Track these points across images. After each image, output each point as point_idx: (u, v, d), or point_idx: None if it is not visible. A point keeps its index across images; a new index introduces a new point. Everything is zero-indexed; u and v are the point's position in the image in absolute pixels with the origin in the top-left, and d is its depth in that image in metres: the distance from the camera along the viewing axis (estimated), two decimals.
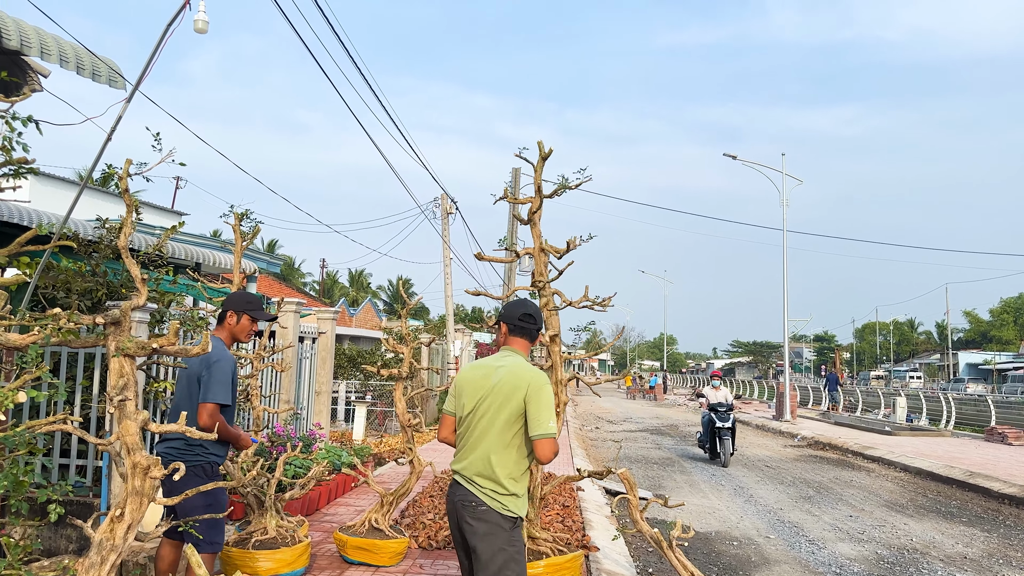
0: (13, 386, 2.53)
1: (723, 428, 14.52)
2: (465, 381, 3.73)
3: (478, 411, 3.60)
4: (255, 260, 17.40)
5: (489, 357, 3.84)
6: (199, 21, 6.01)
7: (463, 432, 3.67)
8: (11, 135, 2.95)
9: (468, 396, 3.66)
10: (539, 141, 5.42)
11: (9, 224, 8.33)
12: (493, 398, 3.57)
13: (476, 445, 3.56)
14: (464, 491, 3.52)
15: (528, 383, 3.53)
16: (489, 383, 3.62)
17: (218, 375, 4.24)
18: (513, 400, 3.51)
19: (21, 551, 2.78)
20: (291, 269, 59.66)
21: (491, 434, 3.53)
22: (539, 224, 5.53)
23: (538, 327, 3.88)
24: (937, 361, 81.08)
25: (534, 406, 3.48)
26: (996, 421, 21.78)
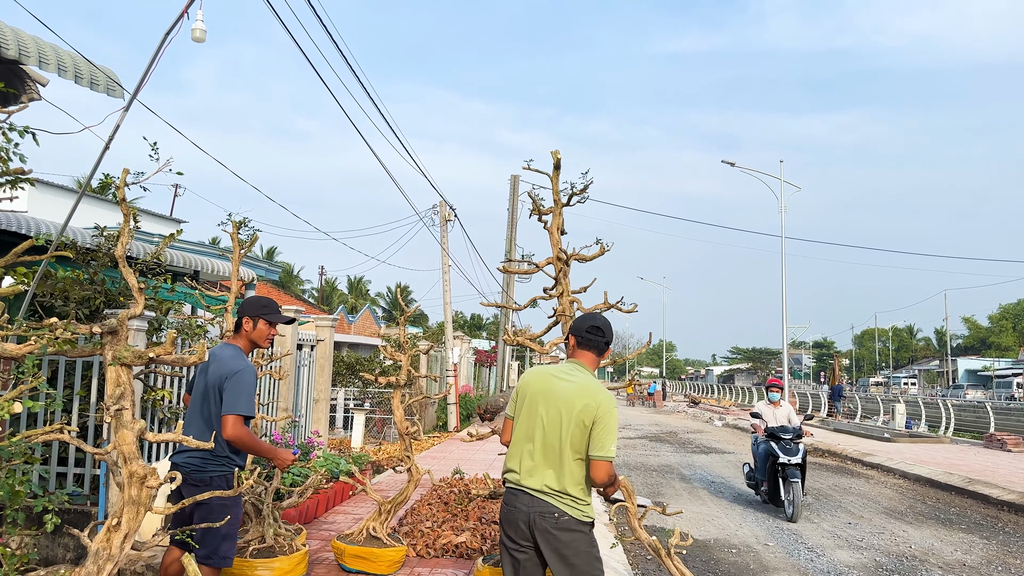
0: (9, 396, 2.53)
1: (790, 465, 10.00)
2: (530, 388, 3.74)
3: (546, 421, 3.62)
4: (253, 267, 17.41)
5: (556, 367, 3.83)
6: (197, 30, 6.03)
7: (524, 440, 3.68)
8: (8, 146, 2.95)
9: (532, 403, 3.68)
10: (553, 151, 5.43)
11: (7, 232, 8.33)
12: (564, 412, 3.59)
13: (546, 456, 3.58)
14: (539, 502, 3.54)
15: (599, 403, 3.57)
16: (558, 395, 3.64)
17: (241, 386, 4.13)
18: (584, 417, 3.55)
19: (18, 560, 2.78)
20: (290, 276, 59.64)
21: (562, 447, 3.56)
22: (557, 233, 5.53)
23: (607, 340, 3.87)
24: (936, 367, 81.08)
25: (601, 427, 3.53)
26: (995, 427, 21.77)
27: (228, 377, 4.16)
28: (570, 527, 3.51)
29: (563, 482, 3.54)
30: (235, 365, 4.22)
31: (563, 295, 5.39)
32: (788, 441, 10.22)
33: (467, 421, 22.25)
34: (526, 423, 3.68)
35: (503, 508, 3.69)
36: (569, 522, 3.51)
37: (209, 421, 4.22)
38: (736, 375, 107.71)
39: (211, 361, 4.34)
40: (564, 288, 5.39)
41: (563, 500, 3.53)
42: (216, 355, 4.34)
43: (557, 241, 5.43)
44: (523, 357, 59.97)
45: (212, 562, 4.14)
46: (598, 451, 3.51)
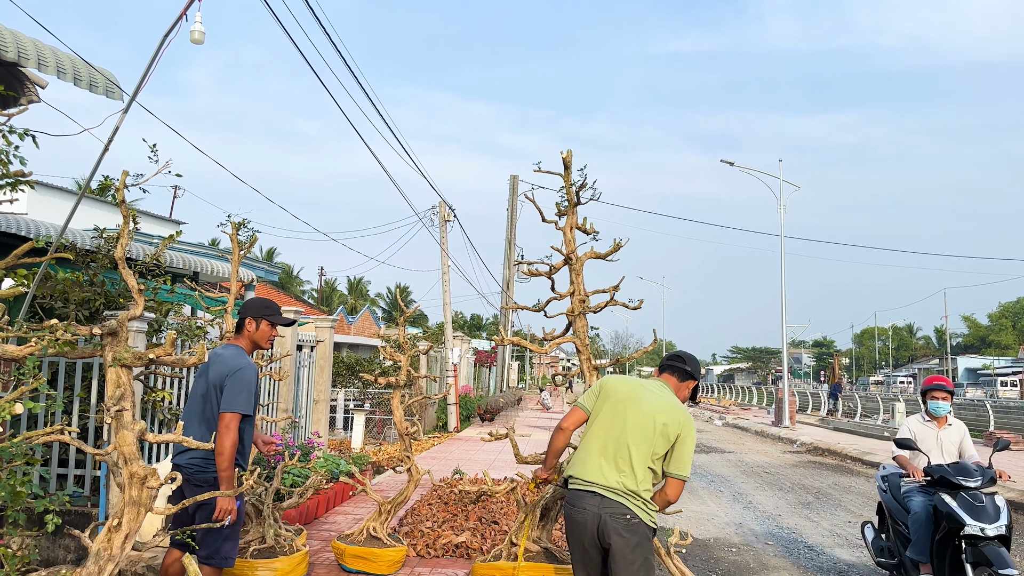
0: (10, 397, 2.55)
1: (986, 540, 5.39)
2: (618, 391, 3.83)
3: (632, 427, 3.70)
4: (253, 268, 17.42)
5: (646, 380, 3.96)
6: (195, 32, 6.04)
7: (602, 441, 3.74)
8: (8, 148, 2.97)
9: (618, 406, 3.76)
10: (563, 151, 5.45)
11: (7, 235, 8.35)
12: (652, 421, 3.69)
13: (626, 460, 3.66)
14: (612, 502, 3.60)
15: (685, 422, 3.74)
16: (648, 405, 3.75)
17: (242, 383, 4.17)
18: (669, 432, 3.68)
19: (19, 561, 2.79)
20: (289, 277, 59.67)
21: (644, 454, 3.66)
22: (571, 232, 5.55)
23: (689, 369, 4.02)
24: (936, 366, 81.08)
25: (683, 446, 3.71)
26: (995, 426, 21.80)
27: (229, 375, 4.18)
28: (637, 530, 3.60)
29: (639, 486, 3.63)
30: (237, 363, 4.25)
31: (574, 295, 5.41)
32: (974, 492, 5.69)
33: (467, 421, 22.27)
34: (607, 424, 3.75)
35: (568, 509, 3.73)
36: (639, 525, 3.60)
37: (210, 422, 4.23)
38: (736, 374, 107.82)
39: (212, 361, 4.36)
40: (576, 287, 5.41)
41: (636, 503, 3.61)
42: (218, 355, 4.36)
43: (571, 240, 5.45)
44: (523, 358, 59.99)
45: (214, 562, 4.15)
46: (679, 470, 3.69)
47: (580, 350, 5.42)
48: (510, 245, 30.74)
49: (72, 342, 2.83)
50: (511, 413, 27.40)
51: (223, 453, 4.04)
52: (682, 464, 3.69)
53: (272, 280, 28.79)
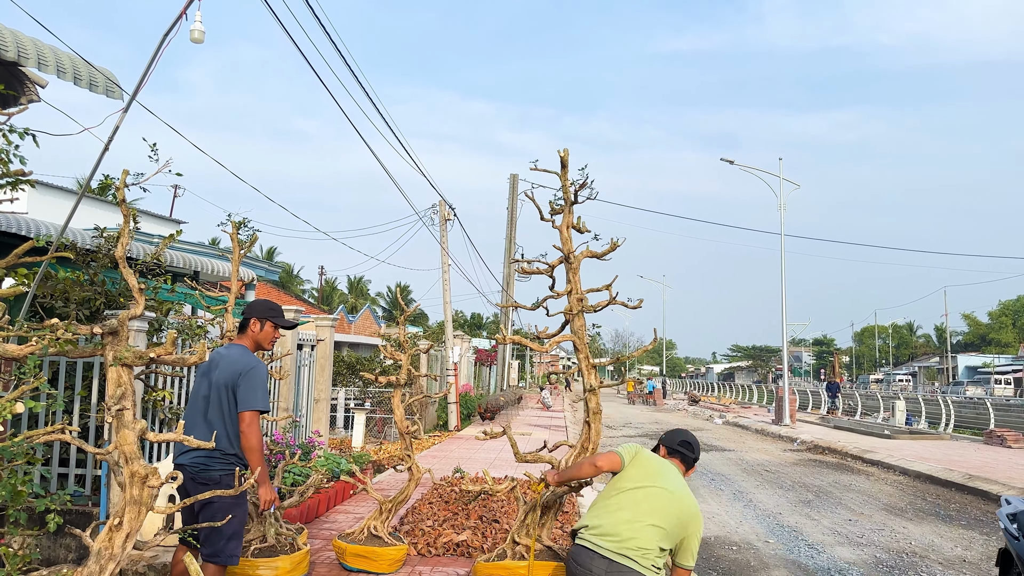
0: (11, 396, 2.55)
1: None
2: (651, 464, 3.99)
3: (652, 503, 3.79)
4: (253, 268, 17.42)
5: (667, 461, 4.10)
6: (195, 31, 6.04)
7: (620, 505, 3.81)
8: (8, 148, 2.97)
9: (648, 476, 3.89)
10: (561, 150, 5.43)
11: (8, 234, 8.35)
12: (675, 507, 3.80)
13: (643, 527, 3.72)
14: (619, 566, 3.65)
15: (698, 518, 3.88)
16: (674, 486, 3.87)
17: (256, 381, 4.25)
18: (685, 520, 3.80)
19: (20, 561, 2.79)
20: (290, 276, 59.65)
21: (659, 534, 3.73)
22: (568, 231, 5.54)
23: (695, 456, 4.20)
24: (936, 364, 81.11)
25: (694, 540, 3.85)
26: (995, 424, 21.80)
27: (243, 374, 4.23)
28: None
29: (654, 553, 3.70)
30: (248, 361, 4.30)
31: (571, 293, 5.40)
32: None
33: (467, 420, 22.27)
34: (631, 491, 3.84)
35: (573, 567, 3.79)
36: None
37: (212, 423, 4.25)
38: (736, 373, 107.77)
39: (217, 361, 4.38)
40: (573, 286, 5.41)
41: (644, 567, 3.66)
42: (223, 355, 4.39)
43: (567, 239, 5.44)
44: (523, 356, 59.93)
45: (218, 560, 4.18)
46: (688, 561, 3.86)
47: (578, 348, 5.42)
48: (510, 244, 30.73)
49: (72, 341, 2.83)
50: (511, 412, 27.40)
51: (254, 450, 4.17)
52: (690, 556, 3.86)
53: (272, 279, 28.79)
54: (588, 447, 5.26)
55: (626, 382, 52.88)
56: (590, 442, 5.28)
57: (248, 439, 4.16)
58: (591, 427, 5.31)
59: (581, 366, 5.42)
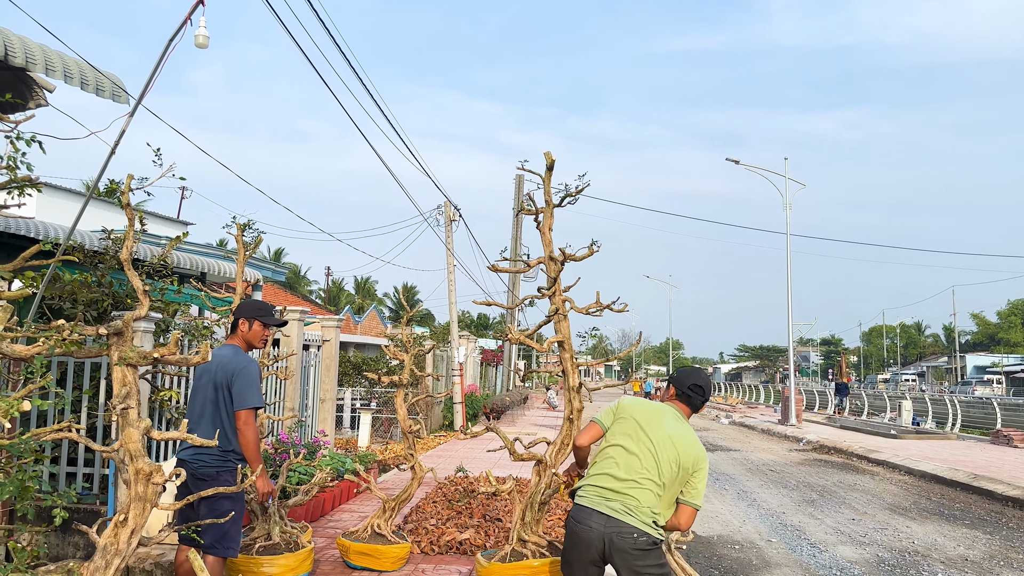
0: (19, 395, 2.62)
1: None
2: (637, 413, 3.89)
3: (653, 450, 3.75)
4: (260, 269, 17.52)
5: (664, 406, 3.99)
6: (200, 36, 6.12)
7: (619, 459, 3.78)
8: (15, 155, 3.05)
9: (638, 428, 3.82)
10: (546, 152, 5.48)
11: (16, 236, 8.45)
12: (672, 449, 3.75)
13: (639, 481, 3.71)
14: (618, 522, 3.65)
15: (703, 456, 3.82)
16: (670, 431, 3.81)
17: (250, 379, 4.38)
18: (687, 463, 3.75)
19: (27, 555, 2.86)
20: (297, 277, 59.85)
21: (659, 478, 3.72)
22: (549, 233, 5.59)
23: (704, 399, 4.07)
24: (945, 364, 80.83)
25: (700, 478, 3.79)
26: (1002, 423, 21.75)
27: (236, 373, 4.36)
28: (645, 547, 3.66)
29: (649, 505, 3.69)
30: (240, 361, 4.43)
31: (556, 294, 5.46)
32: None
33: (473, 420, 22.34)
34: (624, 444, 3.80)
35: (573, 525, 3.77)
36: (646, 542, 3.66)
37: (212, 420, 4.38)
38: (744, 373, 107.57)
39: (213, 362, 4.48)
40: (557, 288, 5.46)
41: (644, 521, 3.67)
42: (217, 355, 4.50)
43: (549, 241, 5.50)
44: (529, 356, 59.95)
45: (217, 551, 4.32)
46: (694, 498, 3.79)
47: (564, 348, 5.48)
48: (516, 244, 30.79)
49: (78, 342, 2.90)
50: (517, 412, 27.44)
51: (251, 446, 4.32)
52: (697, 493, 3.79)
53: (279, 280, 28.91)
54: (568, 443, 5.34)
55: (631, 382, 52.86)
56: (571, 438, 5.35)
57: (245, 436, 4.31)
58: (573, 424, 5.38)
59: (565, 366, 5.47)
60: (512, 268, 5.67)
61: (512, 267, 5.71)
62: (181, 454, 4.39)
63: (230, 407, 4.39)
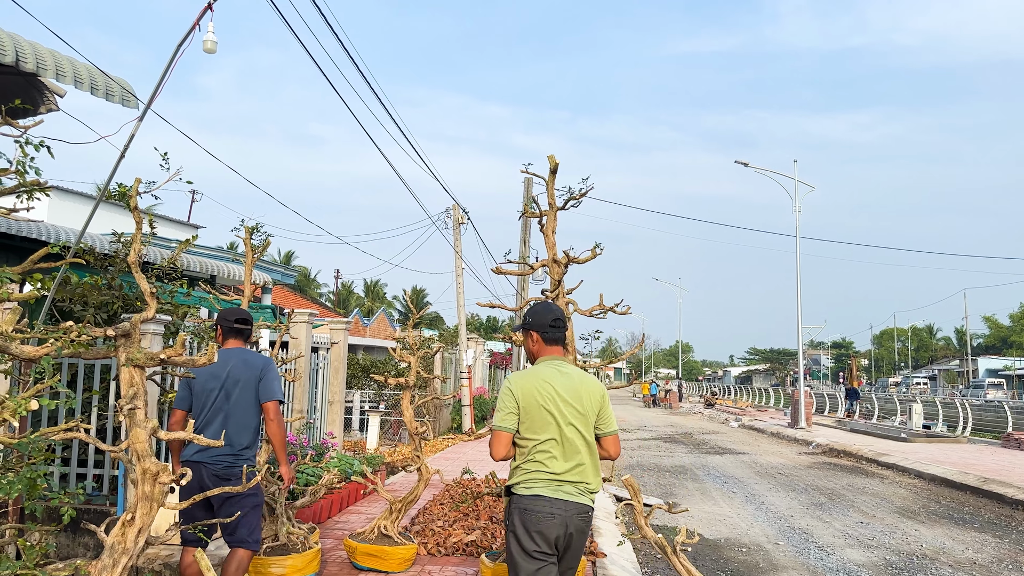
0: (27, 395, 2.66)
1: None
2: (534, 395, 3.70)
3: (569, 422, 3.67)
4: (270, 272, 17.62)
5: (543, 368, 3.82)
6: (208, 42, 6.17)
7: (546, 446, 3.66)
8: (24, 160, 3.10)
9: (543, 409, 3.67)
10: (549, 155, 5.50)
11: (27, 239, 8.54)
12: (580, 407, 3.71)
13: (576, 456, 3.67)
14: (576, 504, 3.64)
15: (598, 386, 3.82)
16: (569, 393, 3.71)
17: (275, 374, 4.67)
18: (593, 404, 3.75)
19: (37, 553, 2.91)
20: (307, 280, 60.04)
21: (588, 442, 3.71)
22: (552, 236, 5.61)
23: (566, 329, 4.04)
24: (956, 367, 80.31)
25: (606, 406, 3.81)
26: (1013, 427, 21.62)
27: (264, 369, 4.59)
28: (591, 518, 3.73)
29: (595, 477, 3.71)
30: (263, 358, 4.68)
31: (559, 297, 5.48)
32: None
33: (482, 423, 22.36)
34: (543, 429, 3.66)
35: (531, 517, 3.60)
36: (591, 513, 3.73)
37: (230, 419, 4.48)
38: (754, 376, 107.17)
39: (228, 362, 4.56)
40: (561, 290, 5.49)
41: (593, 496, 3.71)
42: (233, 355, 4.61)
43: (553, 244, 5.52)
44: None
45: (248, 545, 4.51)
46: (611, 427, 3.79)
47: (568, 350, 5.50)
48: (525, 246, 30.81)
49: (86, 344, 2.95)
50: None
51: (279, 436, 4.64)
52: (610, 421, 3.79)
53: (289, 283, 29.04)
54: None
55: (641, 385, 52.76)
56: None
57: (276, 426, 4.59)
58: None
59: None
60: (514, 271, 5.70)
61: (516, 270, 5.74)
62: (197, 456, 4.40)
63: (256, 403, 4.56)
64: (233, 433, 4.41)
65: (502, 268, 5.87)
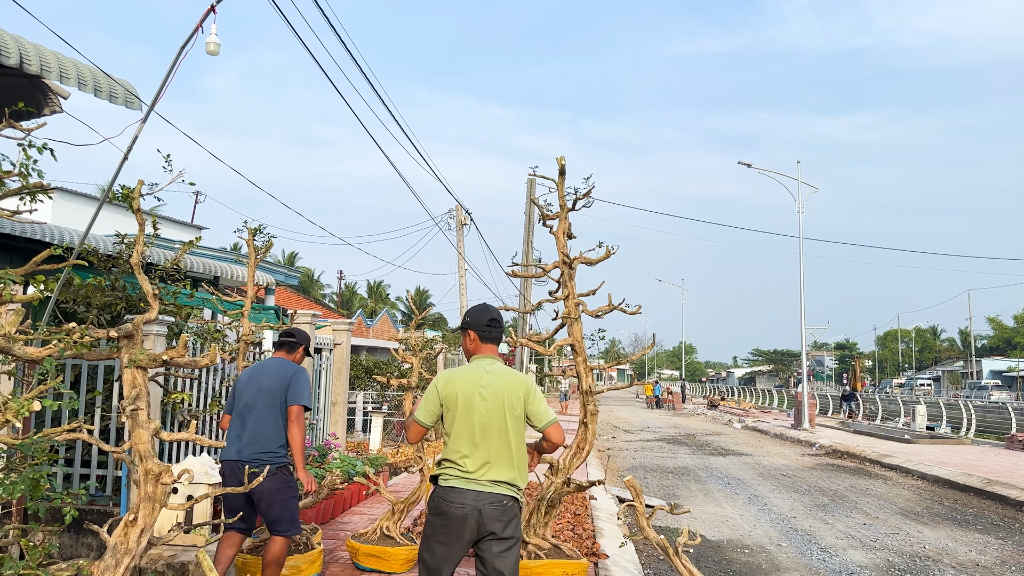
0: (30, 396, 2.68)
1: None
2: (460, 391, 3.81)
3: (488, 419, 3.75)
4: (273, 273, 17.64)
5: (473, 366, 3.93)
6: (211, 44, 6.19)
7: (466, 441, 3.76)
8: (27, 162, 3.12)
9: (467, 405, 3.77)
10: (558, 157, 5.51)
11: (30, 240, 8.56)
12: (503, 405, 3.76)
13: (495, 451, 3.72)
14: (489, 495, 3.68)
15: (525, 383, 3.85)
16: (493, 391, 3.78)
17: (305, 382, 4.93)
18: (516, 404, 3.77)
19: (40, 553, 2.92)
20: (311, 281, 60.07)
21: (509, 439, 3.75)
22: (563, 237, 5.62)
23: (502, 330, 4.10)
24: (960, 368, 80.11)
25: (534, 401, 3.82)
26: (1016, 428, 21.56)
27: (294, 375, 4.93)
28: (513, 513, 3.73)
29: (512, 472, 3.73)
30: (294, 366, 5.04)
31: (568, 298, 5.48)
32: None
33: None
34: (465, 424, 3.78)
35: (442, 505, 3.73)
36: (514, 507, 3.74)
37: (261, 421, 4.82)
38: (758, 377, 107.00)
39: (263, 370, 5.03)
40: (570, 291, 5.49)
41: (513, 488, 3.73)
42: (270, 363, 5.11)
43: (563, 245, 5.52)
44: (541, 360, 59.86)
45: (290, 532, 4.86)
46: (544, 419, 3.81)
47: (577, 352, 5.50)
48: (528, 247, 30.82)
49: (88, 345, 2.96)
50: None
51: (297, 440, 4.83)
52: (542, 414, 3.81)
53: (292, 284, 29.06)
54: (584, 447, 5.35)
55: (644, 386, 52.73)
56: (586, 442, 5.36)
57: (295, 429, 4.80)
58: (588, 428, 5.39)
59: (579, 369, 5.50)
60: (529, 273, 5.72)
61: (529, 272, 5.76)
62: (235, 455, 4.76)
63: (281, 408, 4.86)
64: (263, 434, 4.77)
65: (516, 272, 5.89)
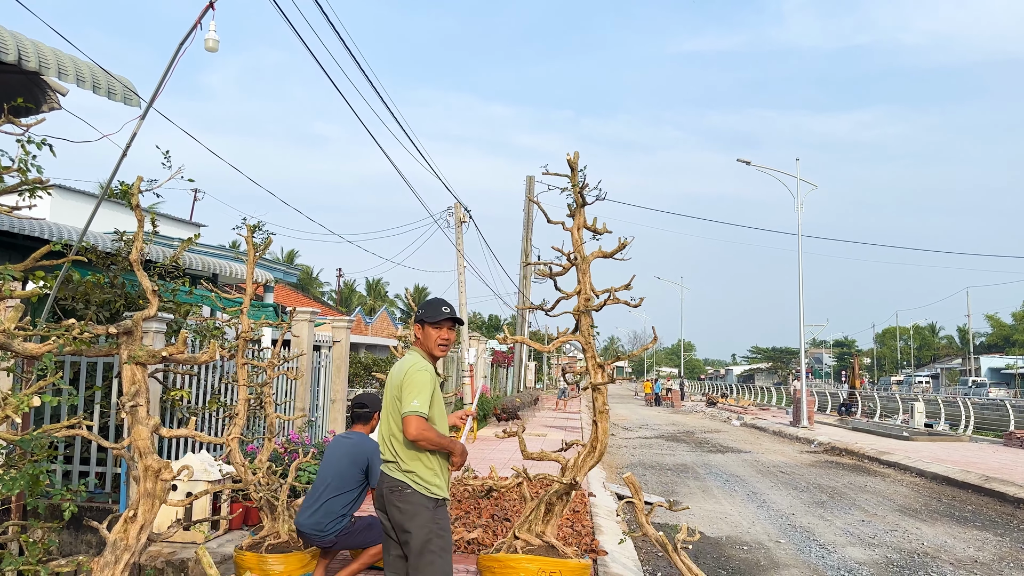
0: (29, 392, 2.68)
1: None
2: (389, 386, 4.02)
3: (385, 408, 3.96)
4: (272, 270, 17.63)
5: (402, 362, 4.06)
6: (209, 40, 6.18)
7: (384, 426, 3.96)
8: (26, 158, 3.12)
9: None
10: (568, 154, 5.52)
11: (29, 237, 8.56)
12: (392, 391, 3.89)
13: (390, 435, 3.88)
14: (389, 478, 3.82)
15: (403, 370, 3.84)
16: (390, 380, 3.97)
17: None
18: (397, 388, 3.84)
19: (39, 550, 2.92)
20: (310, 278, 60.05)
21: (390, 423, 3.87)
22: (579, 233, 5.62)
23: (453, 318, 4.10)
24: (959, 366, 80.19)
25: (406, 388, 3.77)
26: (1015, 426, 21.59)
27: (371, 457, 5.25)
28: (413, 501, 3.74)
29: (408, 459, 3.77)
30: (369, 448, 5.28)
31: (580, 294, 5.49)
32: None
33: (483, 421, 22.38)
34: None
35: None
36: (412, 495, 3.75)
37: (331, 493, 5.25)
38: (756, 375, 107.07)
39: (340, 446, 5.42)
40: (583, 287, 5.49)
41: (410, 476, 3.77)
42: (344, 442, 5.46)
43: (578, 241, 5.53)
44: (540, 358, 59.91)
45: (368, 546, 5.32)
46: (402, 408, 3.75)
47: (585, 348, 5.50)
48: (526, 245, 30.84)
49: (87, 341, 2.96)
50: (528, 413, 27.47)
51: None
52: (403, 402, 3.75)
53: (291, 281, 29.05)
54: (597, 446, 5.34)
55: (643, 383, 52.76)
56: (598, 441, 5.36)
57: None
58: (599, 426, 5.38)
59: (588, 366, 5.51)
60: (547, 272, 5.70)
61: (543, 271, 5.75)
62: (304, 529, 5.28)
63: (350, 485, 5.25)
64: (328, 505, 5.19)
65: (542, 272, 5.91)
